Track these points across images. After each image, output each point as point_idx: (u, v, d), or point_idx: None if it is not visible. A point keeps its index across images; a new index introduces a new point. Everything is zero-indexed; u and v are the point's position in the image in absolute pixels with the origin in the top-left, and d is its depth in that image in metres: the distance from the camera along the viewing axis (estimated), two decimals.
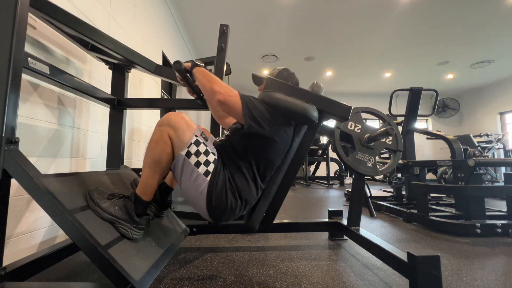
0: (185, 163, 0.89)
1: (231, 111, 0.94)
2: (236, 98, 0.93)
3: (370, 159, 1.45)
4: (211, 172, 0.90)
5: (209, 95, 0.97)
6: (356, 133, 1.47)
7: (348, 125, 1.48)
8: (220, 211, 0.92)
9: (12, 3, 0.79)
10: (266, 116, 0.94)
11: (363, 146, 1.45)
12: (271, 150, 0.98)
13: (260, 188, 1.00)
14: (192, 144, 0.90)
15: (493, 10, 3.76)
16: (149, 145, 0.94)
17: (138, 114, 2.50)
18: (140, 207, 0.94)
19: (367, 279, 1.11)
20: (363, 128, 1.48)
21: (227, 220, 0.97)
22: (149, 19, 2.80)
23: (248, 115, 0.91)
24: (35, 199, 0.77)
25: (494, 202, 3.22)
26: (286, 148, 1.03)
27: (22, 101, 1.15)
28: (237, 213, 0.97)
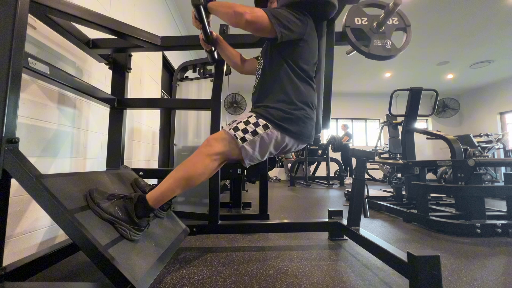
0: (250, 144, 0.95)
1: (261, 26, 0.97)
2: (262, 13, 0.97)
3: (386, 42, 1.52)
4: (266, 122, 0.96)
5: (235, 20, 0.98)
6: (365, 25, 1.53)
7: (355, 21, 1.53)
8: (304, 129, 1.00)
9: (12, 3, 0.79)
10: (292, 19, 1.00)
11: (375, 34, 1.51)
12: (306, 50, 1.04)
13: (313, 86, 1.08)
14: (235, 134, 0.95)
15: (493, 10, 3.76)
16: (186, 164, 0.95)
17: (138, 114, 2.50)
18: (143, 210, 0.93)
19: (367, 279, 1.11)
20: (369, 18, 1.53)
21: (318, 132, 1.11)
22: (149, 20, 2.80)
23: (277, 23, 0.96)
24: (35, 199, 0.77)
25: (494, 202, 3.22)
26: (316, 46, 1.12)
27: (22, 101, 1.15)
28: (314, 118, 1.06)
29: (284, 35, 0.97)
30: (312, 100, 1.04)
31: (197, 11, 1.07)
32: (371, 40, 1.50)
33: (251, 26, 0.96)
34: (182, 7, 3.71)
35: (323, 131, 8.23)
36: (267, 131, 0.96)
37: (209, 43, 1.21)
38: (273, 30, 0.96)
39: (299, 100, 0.99)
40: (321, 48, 1.18)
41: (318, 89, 1.14)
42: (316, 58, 1.12)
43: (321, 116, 1.19)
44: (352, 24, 1.51)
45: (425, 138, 3.62)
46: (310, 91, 1.05)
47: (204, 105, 1.68)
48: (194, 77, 2.44)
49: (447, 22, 4.07)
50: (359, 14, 1.54)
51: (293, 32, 0.99)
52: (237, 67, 1.36)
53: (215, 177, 1.53)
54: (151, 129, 2.86)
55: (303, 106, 1.00)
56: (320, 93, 1.18)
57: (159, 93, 3.20)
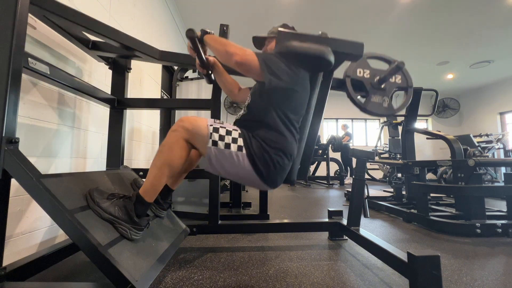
0: (217, 151, 0.91)
1: (250, 70, 0.96)
2: (253, 56, 0.95)
3: (384, 100, 1.47)
4: (243, 145, 0.92)
5: (225, 58, 0.98)
6: (366, 78, 1.49)
7: (357, 72, 1.50)
8: (272, 174, 0.94)
9: (12, 3, 0.79)
10: (283, 68, 0.97)
11: (375, 89, 1.47)
12: (294, 100, 1.00)
13: (296, 137, 1.03)
14: (212, 133, 0.92)
15: (493, 10, 3.76)
16: (161, 149, 0.94)
17: (138, 114, 2.50)
18: (141, 207, 0.93)
19: (367, 279, 1.11)
20: (372, 72, 1.50)
21: (282, 180, 1.01)
22: (149, 19, 2.80)
23: (267, 70, 0.94)
24: (35, 199, 0.77)
25: (494, 202, 3.22)
26: (307, 97, 1.07)
27: (22, 101, 1.15)
28: (287, 169, 1.00)
29: (272, 82, 0.94)
30: (291, 151, 0.99)
31: (191, 43, 1.08)
32: (369, 94, 1.46)
33: (240, 67, 0.95)
34: (182, 7, 3.71)
35: (323, 131, 8.23)
36: (237, 153, 0.91)
37: (205, 69, 1.21)
38: (262, 75, 0.95)
39: (279, 148, 0.95)
40: (312, 99, 1.12)
41: (300, 140, 1.09)
42: (305, 108, 1.08)
43: (296, 166, 1.11)
44: (353, 75, 1.48)
45: (425, 138, 3.62)
46: (292, 142, 1.00)
47: (204, 105, 1.68)
48: (194, 77, 2.44)
49: (447, 22, 4.07)
50: (363, 65, 1.50)
51: (282, 81, 0.96)
52: (230, 94, 1.34)
53: (215, 177, 1.53)
54: (151, 129, 2.86)
55: (281, 155, 0.95)
56: (302, 144, 1.12)
57: (159, 93, 3.20)
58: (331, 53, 1.03)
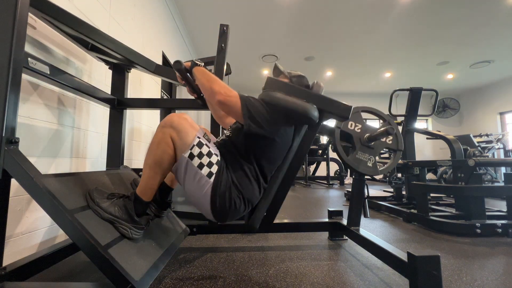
0: (188, 165, 0.89)
1: (230, 111, 0.94)
2: (236, 99, 0.92)
3: (370, 159, 1.44)
4: (214, 174, 0.90)
5: (208, 95, 0.97)
6: (356, 133, 1.47)
7: (348, 125, 1.48)
8: (224, 211, 0.92)
9: (12, 3, 0.79)
10: (265, 116, 0.94)
11: (363, 146, 1.45)
12: (272, 150, 0.98)
13: (262, 188, 1.00)
14: (194, 146, 0.90)
15: (493, 10, 3.76)
16: (150, 146, 0.93)
17: (138, 114, 2.50)
18: (140, 207, 0.94)
19: (367, 279, 1.11)
20: (363, 128, 1.48)
21: (231, 220, 0.97)
22: (149, 19, 2.80)
23: (248, 115, 0.91)
24: (35, 199, 0.77)
25: (494, 202, 3.22)
26: (287, 148, 1.04)
27: (22, 101, 1.15)
28: (241, 213, 0.97)
29: (251, 129, 0.91)
30: (251, 199, 0.97)
31: (179, 73, 1.09)
32: (355, 149, 1.44)
33: (222, 107, 0.93)
34: (182, 7, 3.71)
35: None
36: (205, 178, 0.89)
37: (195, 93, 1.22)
38: (242, 119, 0.92)
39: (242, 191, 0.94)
40: (292, 148, 1.06)
41: (270, 189, 1.03)
42: (282, 158, 1.04)
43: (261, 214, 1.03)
44: (343, 127, 1.46)
45: (425, 138, 3.62)
46: (255, 191, 0.97)
47: (204, 105, 1.67)
48: None
49: (447, 22, 4.07)
50: (355, 119, 1.48)
51: (263, 129, 0.93)
52: (218, 119, 1.33)
53: None
54: (151, 129, 2.86)
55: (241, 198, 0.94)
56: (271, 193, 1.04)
57: (159, 93, 3.20)
58: (315, 110, 1.00)
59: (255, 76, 6.41)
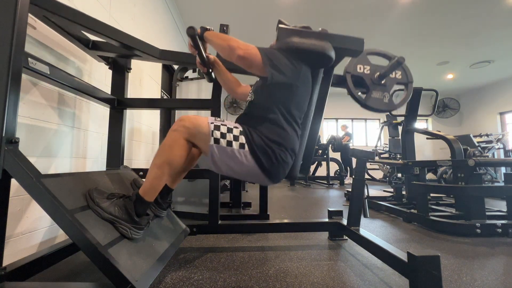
0: (219, 149, 0.91)
1: (252, 64, 0.96)
2: (255, 50, 0.95)
3: (385, 96, 1.47)
4: (245, 142, 0.92)
5: (228, 53, 0.98)
6: (367, 74, 1.50)
7: (358, 68, 1.50)
8: (275, 169, 0.95)
9: (12, 3, 0.79)
10: (286, 63, 0.97)
11: (376, 85, 1.47)
12: (296, 96, 1.01)
13: (298, 133, 1.03)
14: (213, 131, 0.92)
15: (493, 10, 3.76)
16: (161, 148, 0.94)
17: (138, 114, 2.50)
18: (141, 207, 0.93)
19: (367, 279, 1.11)
20: (372, 68, 1.51)
21: (285, 175, 1.02)
22: (149, 19, 2.80)
23: (269, 64, 0.94)
24: (35, 199, 0.77)
25: (494, 202, 3.22)
26: (309, 93, 1.07)
27: (22, 101, 1.15)
28: (290, 163, 1.01)
29: (274, 77, 0.94)
30: (293, 147, 1.00)
31: (192, 40, 1.07)
32: (369, 90, 1.46)
33: (243, 62, 0.95)
34: (182, 7, 3.71)
35: (323, 131, 8.23)
36: (240, 150, 0.91)
37: (206, 67, 1.21)
38: (264, 70, 0.94)
39: (281, 143, 0.95)
40: (314, 95, 1.12)
41: (302, 136, 1.09)
42: (307, 104, 1.08)
43: (299, 162, 1.10)
44: (353, 71, 1.48)
45: (425, 138, 3.62)
46: (294, 137, 1.00)
47: (204, 105, 1.68)
48: (194, 77, 2.44)
49: (447, 22, 4.07)
50: (363, 61, 1.50)
51: (285, 76, 0.96)
52: (231, 92, 1.34)
53: (215, 177, 1.53)
54: (151, 129, 2.86)
55: (283, 150, 0.96)
56: (304, 140, 1.11)
57: (159, 93, 3.20)
58: (332, 48, 1.03)
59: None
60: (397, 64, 1.36)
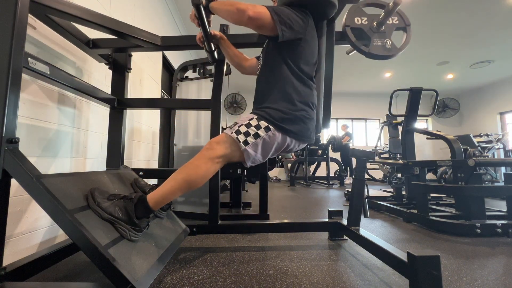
0: (253, 147, 0.96)
1: (263, 23, 0.97)
2: (264, 9, 0.97)
3: (386, 42, 1.51)
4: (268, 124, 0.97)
5: (238, 17, 0.98)
6: (365, 25, 1.52)
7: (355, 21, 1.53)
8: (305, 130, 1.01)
9: (12, 3, 0.79)
10: (293, 17, 1.00)
11: (375, 33, 1.51)
12: (306, 50, 1.04)
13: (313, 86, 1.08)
14: (237, 137, 0.96)
15: (493, 10, 3.76)
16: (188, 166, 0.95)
17: (138, 114, 2.50)
18: (143, 212, 0.93)
19: (367, 279, 1.11)
20: (369, 18, 1.53)
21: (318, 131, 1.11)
22: (149, 19, 2.80)
23: (279, 20, 0.96)
24: (35, 199, 0.77)
25: (494, 202, 3.22)
26: (316, 45, 1.12)
27: (22, 101, 1.15)
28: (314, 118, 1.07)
29: (285, 33, 0.97)
30: (312, 100, 1.05)
31: (197, 11, 1.06)
32: (371, 39, 1.49)
33: (253, 23, 0.96)
34: (182, 7, 3.71)
35: (323, 131, 8.23)
36: (268, 133, 0.96)
37: (210, 42, 1.21)
38: (275, 27, 0.96)
39: (299, 101, 1.00)
40: (321, 47, 1.18)
41: (318, 88, 1.15)
42: (316, 57, 1.12)
43: (321, 115, 1.19)
44: (352, 24, 1.51)
45: (425, 138, 3.62)
46: (310, 91, 1.05)
47: (204, 105, 1.68)
48: (194, 77, 2.44)
49: (447, 22, 4.07)
50: (359, 13, 1.53)
51: (295, 31, 0.99)
52: (239, 67, 1.36)
53: (215, 177, 1.53)
54: (151, 129, 2.86)
55: (303, 107, 1.00)
56: (320, 92, 1.19)
57: (159, 93, 3.20)
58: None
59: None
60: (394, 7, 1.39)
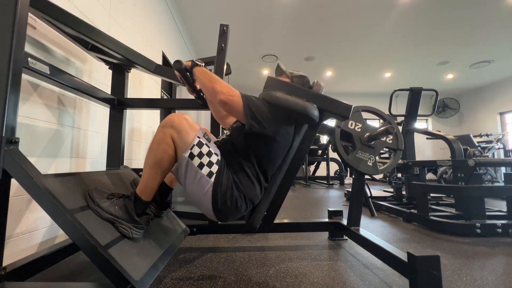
0: (189, 164, 0.89)
1: (232, 110, 0.94)
2: (238, 98, 0.93)
3: (370, 158, 1.45)
4: (215, 173, 0.90)
5: (210, 95, 0.97)
6: (357, 132, 1.47)
7: (349, 124, 1.48)
8: (226, 210, 0.92)
9: (12, 3, 0.79)
10: (267, 115, 0.94)
11: (364, 145, 1.45)
12: (273, 149, 0.98)
13: (263, 187, 1.01)
14: (194, 145, 0.90)
15: (493, 10, 3.76)
16: (151, 146, 0.93)
17: (138, 114, 2.50)
18: (140, 207, 0.94)
19: (367, 279, 1.11)
20: (364, 127, 1.48)
21: (233, 219, 0.98)
22: (149, 19, 2.80)
23: (250, 114, 0.91)
24: (35, 199, 0.77)
25: (494, 202, 3.22)
26: (287, 147, 1.04)
27: (22, 101, 1.15)
28: (242, 212, 0.97)
29: (253, 128, 0.92)
30: (253, 199, 0.97)
31: (179, 73, 1.08)
32: (355, 149, 1.44)
33: (224, 107, 0.93)
34: (182, 7, 3.71)
35: None
36: (205, 178, 0.89)
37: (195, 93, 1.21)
38: (244, 118, 0.92)
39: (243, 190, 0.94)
40: (292, 148, 1.07)
41: (270, 188, 1.04)
42: (283, 158, 1.04)
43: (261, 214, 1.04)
44: (343, 126, 1.47)
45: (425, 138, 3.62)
46: (257, 191, 0.98)
47: (204, 105, 1.67)
48: None
49: (447, 22, 4.07)
50: (356, 118, 1.48)
51: (264, 128, 0.93)
52: (219, 120, 1.33)
53: None
54: (151, 129, 2.86)
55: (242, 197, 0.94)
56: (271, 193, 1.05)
57: (159, 93, 3.20)
58: (316, 109, 1.00)
59: (255, 76, 6.41)
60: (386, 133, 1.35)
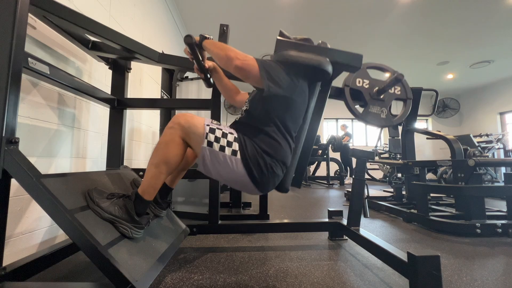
0: (211, 152, 0.90)
1: (249, 75, 0.95)
2: (253, 62, 0.94)
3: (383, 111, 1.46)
4: (238, 150, 0.91)
5: (225, 63, 0.97)
6: (365, 88, 1.48)
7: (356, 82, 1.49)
8: (265, 179, 0.94)
9: (12, 3, 0.79)
10: (283, 76, 0.96)
11: (374, 99, 1.46)
12: (292, 109, 1.00)
13: (291, 146, 1.02)
14: (208, 133, 0.91)
15: (493, 10, 3.76)
16: (157, 146, 0.93)
17: (138, 114, 2.50)
18: (141, 206, 0.93)
19: (367, 279, 1.11)
20: (371, 82, 1.49)
21: (274, 186, 1.01)
22: (149, 19, 2.80)
23: (266, 76, 0.93)
24: (35, 199, 0.77)
25: (494, 202, 3.22)
26: (305, 106, 1.06)
27: (22, 101, 1.15)
28: (280, 176, 0.99)
29: (271, 89, 0.93)
30: (285, 160, 0.99)
31: (190, 48, 1.07)
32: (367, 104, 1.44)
33: (240, 72, 0.94)
34: (182, 7, 3.71)
35: (323, 131, 8.23)
36: (231, 157, 0.90)
37: (206, 73, 1.21)
38: (261, 81, 0.93)
39: (274, 155, 0.95)
40: (309, 108, 1.10)
41: (296, 149, 1.08)
42: (302, 118, 1.07)
43: (290, 175, 1.09)
44: (352, 84, 1.47)
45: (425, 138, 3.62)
46: (287, 151, 0.99)
47: (204, 105, 1.68)
48: (194, 77, 2.44)
49: (447, 22, 4.07)
50: (362, 75, 1.49)
51: (282, 89, 0.95)
52: (229, 99, 1.33)
53: None
54: (151, 129, 2.86)
55: (275, 162, 0.95)
56: (297, 154, 1.10)
57: (159, 93, 3.19)
58: (329, 63, 1.02)
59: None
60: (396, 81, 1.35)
